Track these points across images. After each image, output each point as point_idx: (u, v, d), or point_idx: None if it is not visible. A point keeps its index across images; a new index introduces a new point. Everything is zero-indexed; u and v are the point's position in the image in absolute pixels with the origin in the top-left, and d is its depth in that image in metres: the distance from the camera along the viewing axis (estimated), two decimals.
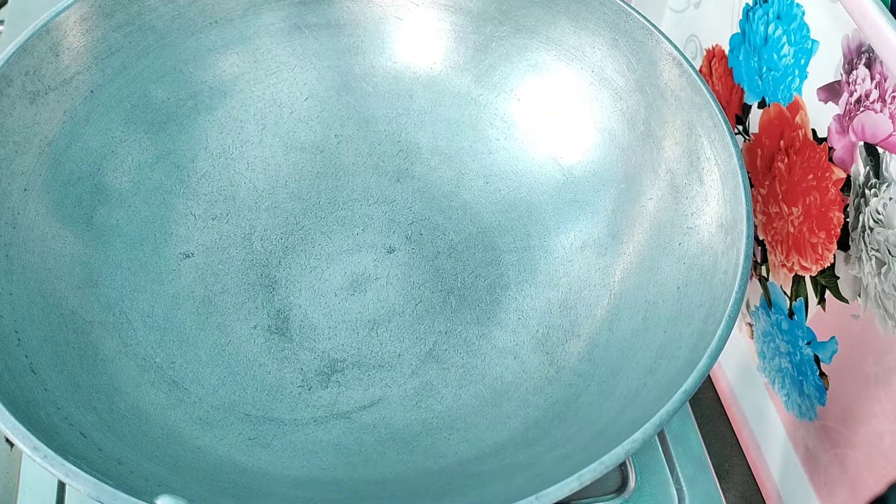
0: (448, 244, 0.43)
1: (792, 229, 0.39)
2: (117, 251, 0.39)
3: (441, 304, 0.41)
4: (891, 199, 0.32)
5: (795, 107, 0.37)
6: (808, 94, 0.36)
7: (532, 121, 0.44)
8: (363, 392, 0.38)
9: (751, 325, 0.44)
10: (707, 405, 0.46)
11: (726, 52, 0.42)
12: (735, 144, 0.35)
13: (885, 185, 0.32)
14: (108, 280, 0.38)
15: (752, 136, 0.41)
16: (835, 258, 0.36)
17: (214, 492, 0.32)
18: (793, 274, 0.39)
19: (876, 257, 0.33)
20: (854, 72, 0.33)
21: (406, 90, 0.46)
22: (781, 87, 0.38)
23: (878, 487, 0.35)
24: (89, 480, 0.26)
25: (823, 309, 0.37)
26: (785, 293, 0.40)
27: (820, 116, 0.35)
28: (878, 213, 0.32)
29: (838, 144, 0.35)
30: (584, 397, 0.36)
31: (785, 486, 0.41)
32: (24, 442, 0.27)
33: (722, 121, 0.36)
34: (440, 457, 0.36)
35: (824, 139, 0.35)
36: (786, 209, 0.39)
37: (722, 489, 0.41)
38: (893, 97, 0.31)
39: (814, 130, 0.36)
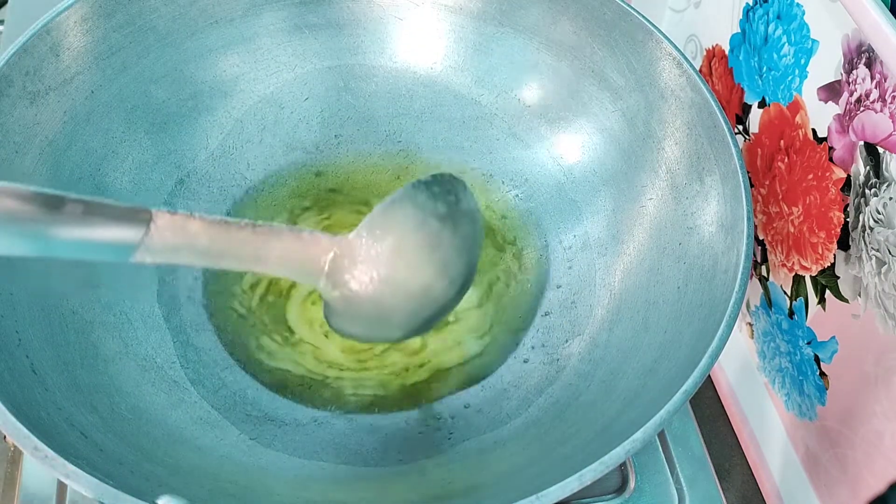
0: None
1: (792, 229, 0.39)
2: None
3: None
4: (891, 198, 0.32)
5: (795, 106, 0.37)
6: (809, 94, 0.36)
7: (532, 121, 0.44)
8: (364, 391, 0.38)
9: (751, 324, 0.44)
10: (707, 405, 0.46)
11: (726, 52, 0.42)
12: (735, 144, 0.35)
13: (886, 184, 0.32)
14: (108, 280, 0.38)
15: (752, 136, 0.41)
16: (835, 258, 0.36)
17: (215, 492, 0.32)
18: (793, 274, 0.39)
19: (876, 257, 0.33)
20: (854, 71, 0.33)
21: (406, 90, 0.46)
22: (781, 87, 0.38)
23: (878, 487, 0.35)
24: (90, 481, 0.26)
25: (823, 308, 0.37)
26: (785, 293, 0.40)
27: (820, 116, 0.35)
28: (879, 213, 0.32)
29: (838, 144, 0.35)
30: (585, 397, 0.36)
31: (785, 486, 0.41)
32: (25, 442, 0.27)
33: (722, 121, 0.36)
34: (440, 456, 0.36)
35: (824, 139, 0.35)
36: (786, 209, 0.39)
37: (722, 489, 0.41)
38: (893, 97, 0.31)
39: (814, 130, 0.36)
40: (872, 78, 0.32)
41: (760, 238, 0.42)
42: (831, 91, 0.35)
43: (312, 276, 0.31)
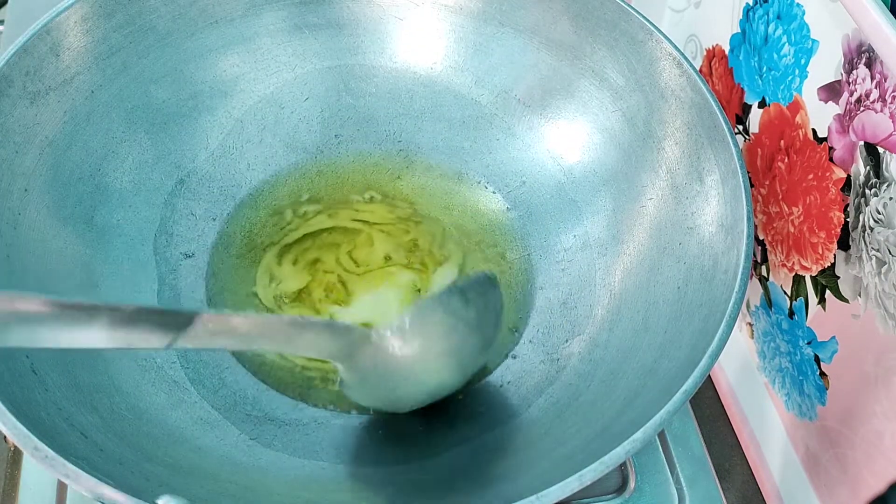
0: None
1: (792, 229, 0.39)
2: (118, 251, 0.39)
3: None
4: (891, 198, 0.32)
5: (795, 106, 0.37)
6: (809, 94, 0.36)
7: (532, 121, 0.44)
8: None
9: (751, 324, 0.44)
10: (707, 405, 0.46)
11: (726, 52, 0.42)
12: (735, 144, 0.35)
13: (886, 184, 0.32)
14: (108, 280, 0.38)
15: (752, 136, 0.41)
16: (835, 258, 0.36)
17: (215, 492, 0.32)
18: (793, 274, 0.39)
19: (876, 257, 0.33)
20: (854, 71, 0.33)
21: (406, 90, 0.46)
22: (781, 87, 0.38)
23: (878, 487, 0.35)
24: (91, 481, 0.26)
25: (824, 309, 0.37)
26: (785, 293, 0.40)
27: (820, 116, 0.35)
28: (879, 213, 0.32)
29: (838, 144, 0.35)
30: (585, 397, 0.36)
31: (785, 486, 0.41)
32: (25, 442, 0.27)
33: (722, 121, 0.36)
34: (440, 457, 0.36)
35: (824, 139, 0.35)
36: (786, 209, 0.39)
37: (722, 489, 0.41)
38: (894, 97, 0.31)
39: (814, 130, 0.36)
40: (872, 78, 0.32)
41: (760, 238, 0.42)
42: (831, 91, 0.35)
43: (337, 360, 0.33)
